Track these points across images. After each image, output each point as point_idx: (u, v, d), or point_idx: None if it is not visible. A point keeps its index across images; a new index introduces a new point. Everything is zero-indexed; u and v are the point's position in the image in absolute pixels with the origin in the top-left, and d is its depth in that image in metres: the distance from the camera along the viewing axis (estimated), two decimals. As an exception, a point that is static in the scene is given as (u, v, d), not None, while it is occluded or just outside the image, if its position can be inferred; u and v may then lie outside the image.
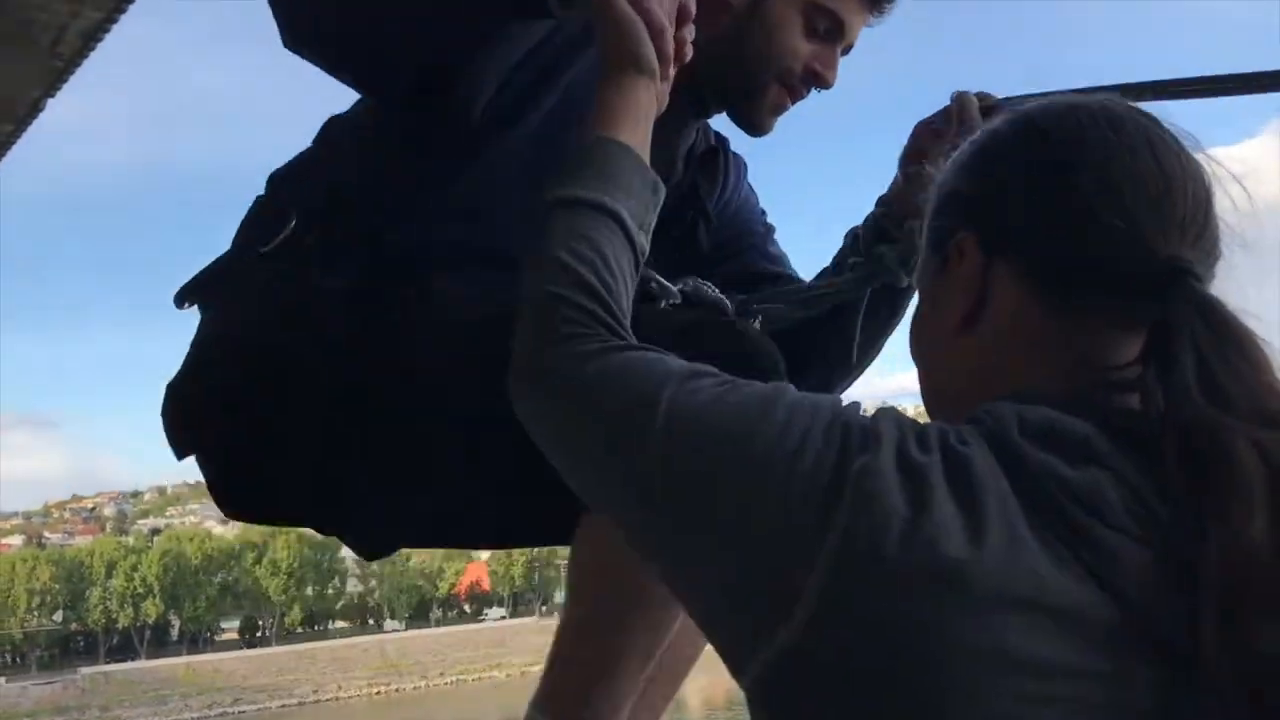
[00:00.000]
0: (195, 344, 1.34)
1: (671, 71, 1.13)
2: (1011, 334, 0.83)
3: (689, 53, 1.15)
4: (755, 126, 1.44)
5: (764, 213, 1.64)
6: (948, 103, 1.35)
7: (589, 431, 0.88)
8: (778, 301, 1.42)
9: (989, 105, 1.32)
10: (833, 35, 1.38)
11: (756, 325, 1.32)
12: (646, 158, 1.08)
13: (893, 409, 0.79)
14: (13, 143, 5.71)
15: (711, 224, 1.51)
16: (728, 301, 1.30)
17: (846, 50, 1.42)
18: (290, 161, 1.40)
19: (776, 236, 1.64)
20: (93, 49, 4.68)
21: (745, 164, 1.62)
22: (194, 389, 1.31)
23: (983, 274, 0.85)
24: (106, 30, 4.48)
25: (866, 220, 1.44)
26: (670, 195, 1.13)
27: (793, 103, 1.42)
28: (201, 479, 1.36)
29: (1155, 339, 0.78)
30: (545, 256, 0.96)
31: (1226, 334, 0.75)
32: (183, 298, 1.34)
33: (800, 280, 1.52)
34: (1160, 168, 0.81)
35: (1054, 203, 0.82)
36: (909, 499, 0.70)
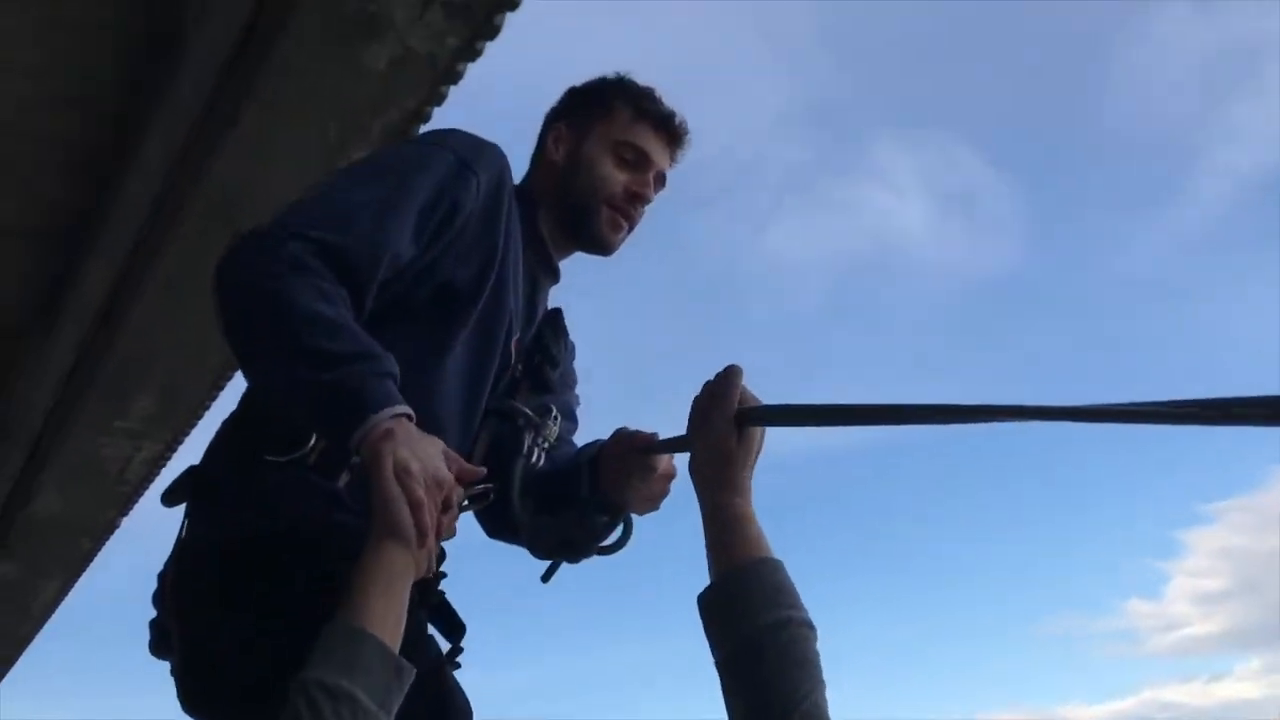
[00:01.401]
0: (195, 540, 1.41)
1: (434, 543, 1.27)
2: None
3: (453, 532, 1.33)
4: (604, 244, 1.71)
5: (576, 382, 1.88)
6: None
7: None
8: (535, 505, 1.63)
9: (745, 409, 1.41)
10: (641, 163, 1.68)
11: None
12: (399, 623, 1.19)
13: None
14: (92, 557, 5.95)
15: (557, 366, 1.74)
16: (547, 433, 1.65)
17: (660, 177, 1.70)
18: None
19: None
20: (158, 474, 4.91)
21: (573, 345, 1.84)
22: (199, 577, 1.39)
23: None
24: (167, 459, 4.72)
25: (586, 500, 1.65)
26: (530, 343, 1.67)
27: (627, 222, 1.69)
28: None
29: None
30: None
31: None
32: (174, 497, 1.45)
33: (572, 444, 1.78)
34: None
35: None
36: None
